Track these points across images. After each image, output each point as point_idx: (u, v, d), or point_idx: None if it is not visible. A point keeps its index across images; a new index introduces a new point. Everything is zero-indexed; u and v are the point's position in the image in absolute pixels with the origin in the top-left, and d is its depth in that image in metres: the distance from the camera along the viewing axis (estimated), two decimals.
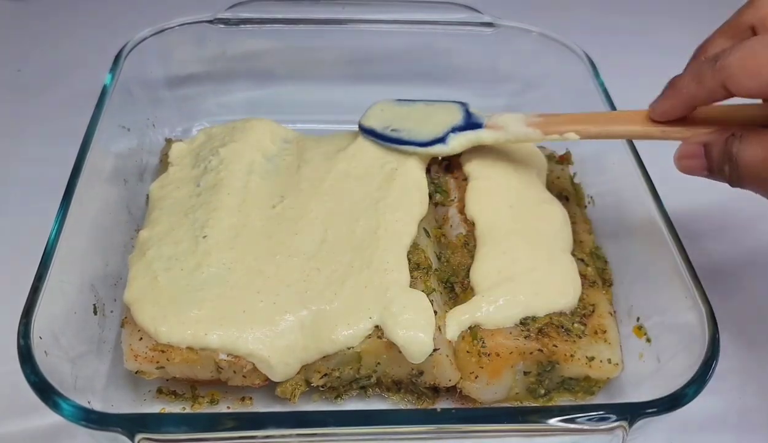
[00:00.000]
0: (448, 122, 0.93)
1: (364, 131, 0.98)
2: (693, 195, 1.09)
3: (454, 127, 0.92)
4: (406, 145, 0.94)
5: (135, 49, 1.04)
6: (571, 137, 0.85)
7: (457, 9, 1.12)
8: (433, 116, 0.96)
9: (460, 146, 0.92)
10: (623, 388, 0.83)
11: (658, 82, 0.80)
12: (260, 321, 0.77)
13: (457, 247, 0.89)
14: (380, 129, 0.96)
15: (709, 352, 0.69)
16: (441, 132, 0.93)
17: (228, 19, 1.10)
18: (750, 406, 0.86)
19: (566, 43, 1.09)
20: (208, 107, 1.18)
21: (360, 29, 1.12)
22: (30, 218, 0.91)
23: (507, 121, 0.90)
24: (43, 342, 0.68)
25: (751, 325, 0.94)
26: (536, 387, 0.81)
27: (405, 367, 0.79)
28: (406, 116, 0.97)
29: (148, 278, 0.80)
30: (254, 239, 0.85)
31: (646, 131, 0.81)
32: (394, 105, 1.00)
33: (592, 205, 1.01)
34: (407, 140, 0.94)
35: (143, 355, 0.76)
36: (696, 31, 0.90)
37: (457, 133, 0.92)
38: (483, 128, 0.91)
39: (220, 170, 0.93)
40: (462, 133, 0.92)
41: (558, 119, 0.88)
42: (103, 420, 0.62)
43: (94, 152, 0.87)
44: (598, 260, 0.92)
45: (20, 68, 1.32)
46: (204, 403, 0.81)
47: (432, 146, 0.93)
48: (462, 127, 0.92)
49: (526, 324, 0.80)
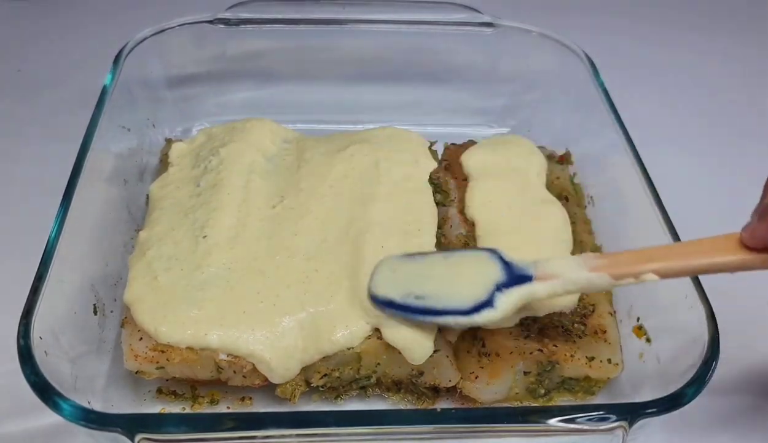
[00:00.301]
0: (487, 278, 0.75)
1: (379, 303, 0.77)
2: (693, 195, 1.09)
3: (498, 284, 0.74)
4: (443, 316, 0.74)
5: (135, 49, 1.04)
6: (649, 279, 0.70)
7: (457, 9, 1.12)
8: (460, 271, 0.77)
9: (513, 307, 0.73)
10: (623, 388, 0.83)
11: (657, 82, 0.80)
12: (261, 322, 0.77)
13: (457, 247, 0.89)
14: (401, 299, 0.76)
15: (709, 352, 0.69)
16: (483, 293, 0.74)
17: (228, 19, 1.10)
18: (750, 406, 0.86)
19: (566, 43, 1.09)
20: (208, 107, 1.18)
21: (360, 29, 1.12)
22: (30, 218, 0.91)
23: (560, 267, 0.73)
24: (43, 342, 0.68)
25: (751, 325, 0.94)
26: (536, 387, 0.81)
27: (405, 367, 0.79)
28: (425, 275, 0.78)
29: (148, 278, 0.80)
30: (254, 239, 0.85)
31: (743, 260, 0.68)
32: (403, 262, 0.80)
33: (592, 205, 1.01)
34: (441, 310, 0.74)
35: (143, 355, 0.76)
36: (696, 32, 0.90)
37: (503, 291, 0.73)
38: (532, 279, 0.73)
39: (220, 170, 0.93)
40: (509, 290, 0.73)
41: (626, 259, 0.72)
42: (103, 420, 0.62)
43: (94, 152, 0.86)
44: None
45: (20, 68, 1.32)
46: (204, 403, 0.81)
47: (478, 313, 0.73)
48: (505, 282, 0.74)
49: (526, 324, 0.80)
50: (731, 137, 1.27)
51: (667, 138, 1.22)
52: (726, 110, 1.32)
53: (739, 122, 1.29)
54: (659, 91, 1.35)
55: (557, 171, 1.03)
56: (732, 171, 1.19)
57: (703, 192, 1.13)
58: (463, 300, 0.74)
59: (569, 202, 0.98)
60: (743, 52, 1.48)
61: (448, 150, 1.04)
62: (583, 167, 1.05)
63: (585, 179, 1.04)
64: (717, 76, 1.41)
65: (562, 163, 1.05)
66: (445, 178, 0.97)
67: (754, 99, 1.35)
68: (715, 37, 1.51)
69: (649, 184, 0.87)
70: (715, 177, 1.17)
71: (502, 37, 1.12)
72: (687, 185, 1.12)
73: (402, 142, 1.00)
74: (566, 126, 1.08)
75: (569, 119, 1.08)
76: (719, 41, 1.50)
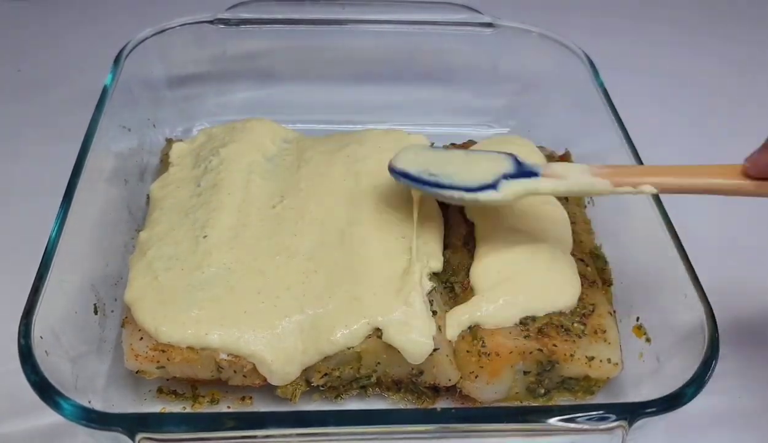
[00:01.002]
0: (497, 169, 0.80)
1: (395, 173, 0.84)
2: (693, 195, 1.10)
3: (506, 174, 0.80)
4: (449, 190, 0.80)
5: (135, 49, 1.04)
6: (647, 190, 0.75)
7: (457, 9, 1.12)
8: (477, 163, 0.83)
9: (515, 195, 0.78)
10: (623, 388, 0.83)
11: (657, 82, 0.80)
12: (262, 323, 0.77)
13: (457, 247, 0.89)
14: (415, 172, 0.82)
15: (709, 352, 0.69)
16: (490, 178, 0.79)
17: (228, 19, 1.10)
18: (750, 406, 0.86)
19: (566, 43, 1.09)
20: (208, 107, 1.18)
21: (360, 29, 1.12)
22: (30, 218, 0.91)
23: (568, 170, 0.79)
24: (44, 341, 0.68)
25: (750, 325, 0.94)
26: (536, 387, 0.81)
27: (405, 367, 0.79)
28: (444, 162, 0.84)
29: (149, 277, 0.81)
30: (254, 239, 0.85)
31: (738, 185, 0.72)
32: (428, 150, 0.88)
33: (592, 205, 1.01)
34: (449, 184, 0.80)
35: (144, 355, 0.76)
36: (696, 32, 0.90)
37: (509, 180, 0.79)
38: (539, 176, 0.80)
39: (220, 171, 0.93)
40: (515, 180, 0.79)
41: (629, 171, 0.78)
42: (103, 420, 0.62)
43: (95, 152, 0.87)
44: (598, 260, 0.92)
45: (20, 68, 1.32)
46: (204, 403, 0.81)
47: (481, 191, 0.79)
48: (514, 175, 0.80)
49: (526, 324, 0.80)
50: (731, 137, 1.26)
51: (666, 138, 1.22)
52: (726, 110, 1.33)
53: (739, 122, 1.29)
54: (659, 91, 1.35)
55: None
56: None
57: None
58: (471, 181, 0.80)
59: (569, 202, 0.98)
60: (743, 52, 1.48)
61: None
62: None
63: None
64: (717, 76, 1.41)
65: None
66: None
67: (753, 99, 1.35)
68: (715, 37, 1.51)
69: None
70: None
71: (502, 37, 1.12)
72: None
73: (402, 142, 1.00)
74: (566, 126, 1.08)
75: (569, 119, 1.08)
76: (719, 41, 1.50)
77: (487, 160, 0.82)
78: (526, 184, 0.79)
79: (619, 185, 0.76)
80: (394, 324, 0.76)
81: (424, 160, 0.84)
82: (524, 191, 0.79)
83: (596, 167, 0.78)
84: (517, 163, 0.81)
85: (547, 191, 0.80)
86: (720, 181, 0.73)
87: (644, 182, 0.75)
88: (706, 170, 0.75)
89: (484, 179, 0.79)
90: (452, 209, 0.93)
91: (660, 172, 0.76)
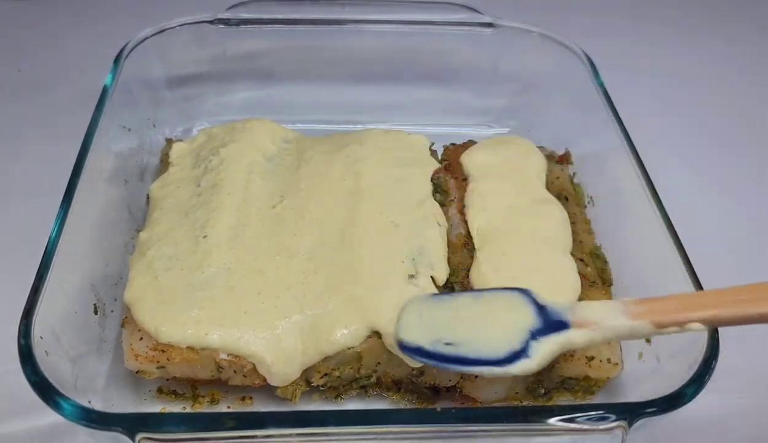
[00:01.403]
0: (521, 325, 0.70)
1: (406, 349, 0.73)
2: (693, 195, 1.10)
3: (533, 331, 0.70)
4: (477, 366, 0.70)
5: (135, 49, 1.04)
6: (696, 328, 0.65)
7: (457, 9, 1.12)
8: (492, 314, 0.72)
9: (550, 356, 0.69)
10: (623, 388, 0.83)
11: (658, 82, 0.80)
12: (262, 323, 0.77)
13: (457, 247, 0.89)
14: (430, 346, 0.71)
15: (709, 352, 0.69)
16: (517, 342, 0.69)
17: (228, 19, 1.10)
18: (750, 406, 0.86)
19: (566, 43, 1.09)
20: (208, 107, 1.18)
21: (360, 29, 1.12)
22: (30, 218, 0.91)
23: (599, 313, 0.69)
24: (44, 341, 0.68)
25: (750, 325, 0.94)
26: (536, 387, 0.81)
27: (405, 367, 0.79)
28: (454, 319, 0.73)
29: (149, 277, 0.81)
30: (254, 239, 0.85)
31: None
32: (431, 303, 0.76)
33: (592, 205, 1.01)
34: (474, 359, 0.70)
35: (144, 355, 0.76)
36: (696, 32, 0.90)
37: (538, 339, 0.69)
38: (569, 326, 0.69)
39: (220, 171, 0.93)
40: (546, 338, 0.69)
41: (668, 305, 0.67)
42: (103, 420, 0.62)
43: (95, 152, 0.87)
44: (598, 260, 0.92)
45: (20, 68, 1.32)
46: (204, 403, 0.81)
47: (513, 364, 0.68)
48: (540, 329, 0.70)
49: None
50: (731, 137, 1.27)
51: (666, 138, 1.22)
52: (726, 110, 1.33)
53: (739, 122, 1.29)
54: (659, 91, 1.35)
55: (557, 171, 1.03)
56: (732, 171, 1.19)
57: (703, 192, 1.13)
58: (496, 349, 0.69)
59: (569, 202, 0.98)
60: (743, 52, 1.48)
61: (448, 150, 1.04)
62: (583, 167, 1.05)
63: (585, 179, 1.04)
64: (717, 75, 1.41)
65: (562, 163, 1.05)
66: (445, 178, 0.97)
67: (754, 98, 1.35)
68: (715, 37, 1.51)
69: (649, 184, 0.87)
70: (715, 177, 1.17)
71: (502, 37, 1.12)
72: (687, 185, 1.12)
73: (402, 142, 1.01)
74: (566, 126, 1.08)
75: (569, 119, 1.08)
76: (719, 41, 1.50)
77: (504, 309, 0.72)
78: (559, 341, 0.69)
79: (661, 327, 0.66)
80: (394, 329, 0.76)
81: (432, 322, 0.73)
82: (559, 350, 0.69)
83: (631, 305, 0.68)
84: (538, 307, 0.71)
85: (582, 344, 0.70)
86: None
87: (690, 320, 0.65)
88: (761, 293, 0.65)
89: (510, 344, 0.69)
90: (452, 207, 0.93)
91: (708, 303, 0.66)
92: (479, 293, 0.76)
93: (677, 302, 0.67)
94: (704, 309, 0.65)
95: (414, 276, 0.82)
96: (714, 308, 0.65)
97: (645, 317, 0.67)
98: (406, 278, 0.81)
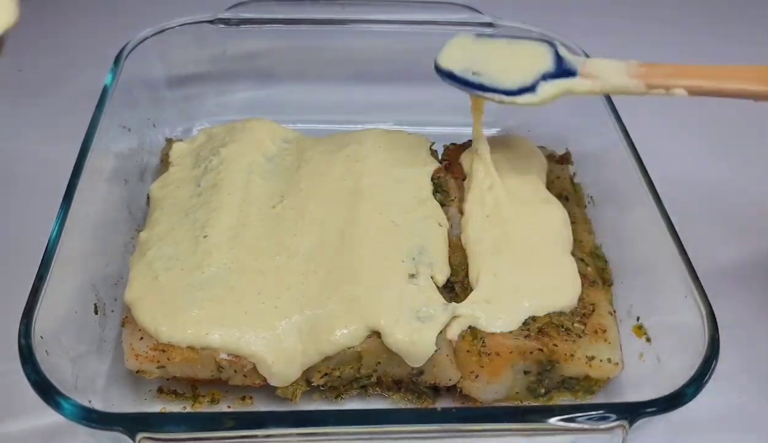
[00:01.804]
0: (537, 68, 0.85)
1: (441, 72, 0.90)
2: (693, 194, 1.10)
3: (545, 74, 0.84)
4: (490, 92, 0.86)
5: (135, 49, 1.04)
6: (678, 94, 0.77)
7: (457, 9, 1.12)
8: (518, 58, 0.87)
9: (551, 97, 0.84)
10: (623, 388, 0.83)
11: None
12: (262, 323, 0.77)
13: (457, 247, 0.89)
14: (460, 72, 0.88)
15: (709, 352, 0.69)
16: (529, 79, 0.84)
17: (228, 19, 1.10)
18: (750, 406, 0.86)
19: (566, 43, 1.09)
20: (208, 107, 1.18)
21: (360, 29, 1.12)
22: (30, 218, 0.91)
23: (604, 68, 0.83)
24: (44, 341, 0.68)
25: (751, 325, 0.94)
26: (536, 387, 0.81)
27: (405, 367, 0.79)
28: (487, 56, 0.88)
29: (149, 277, 0.81)
30: (254, 239, 0.85)
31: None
32: (473, 41, 0.91)
33: (592, 205, 1.01)
34: (490, 87, 0.86)
35: (144, 354, 0.76)
36: (696, 32, 0.90)
37: (548, 81, 0.84)
38: (576, 75, 0.84)
39: (220, 171, 0.93)
40: (553, 81, 0.84)
41: (664, 71, 0.80)
42: (104, 420, 0.62)
43: (95, 152, 0.87)
44: (598, 260, 0.92)
45: (20, 68, 1.32)
46: (204, 402, 0.81)
47: (519, 95, 0.84)
48: (552, 74, 0.84)
49: (527, 324, 0.80)
50: (731, 137, 1.27)
51: (667, 138, 1.22)
52: (726, 110, 1.32)
53: (739, 121, 1.29)
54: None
55: (557, 171, 1.03)
56: (732, 170, 1.19)
57: (703, 191, 1.13)
58: (511, 82, 0.84)
59: (569, 202, 0.98)
60: (744, 52, 1.48)
61: (448, 150, 1.04)
62: (583, 167, 1.05)
63: (585, 179, 1.04)
64: None
65: (562, 163, 1.05)
66: (445, 178, 0.97)
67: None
68: (715, 37, 1.51)
69: (649, 184, 0.87)
70: (715, 176, 1.17)
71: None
72: (687, 185, 1.12)
73: (402, 142, 1.01)
74: (566, 126, 1.08)
75: (569, 119, 1.08)
76: (719, 41, 1.50)
77: (529, 55, 0.86)
78: (563, 84, 0.83)
79: (652, 87, 0.78)
80: (394, 330, 0.76)
81: (470, 57, 0.88)
82: (560, 92, 0.83)
83: (633, 66, 0.82)
84: (557, 57, 0.85)
85: (581, 92, 0.83)
86: (754, 87, 0.74)
87: (677, 85, 0.77)
88: (739, 73, 0.75)
89: (524, 80, 0.84)
90: (452, 207, 0.93)
91: (693, 73, 0.78)
92: (513, 40, 0.90)
93: (672, 69, 0.79)
94: (689, 78, 0.77)
95: (414, 276, 0.82)
96: (697, 78, 0.77)
97: (640, 78, 0.80)
98: (407, 278, 0.81)
